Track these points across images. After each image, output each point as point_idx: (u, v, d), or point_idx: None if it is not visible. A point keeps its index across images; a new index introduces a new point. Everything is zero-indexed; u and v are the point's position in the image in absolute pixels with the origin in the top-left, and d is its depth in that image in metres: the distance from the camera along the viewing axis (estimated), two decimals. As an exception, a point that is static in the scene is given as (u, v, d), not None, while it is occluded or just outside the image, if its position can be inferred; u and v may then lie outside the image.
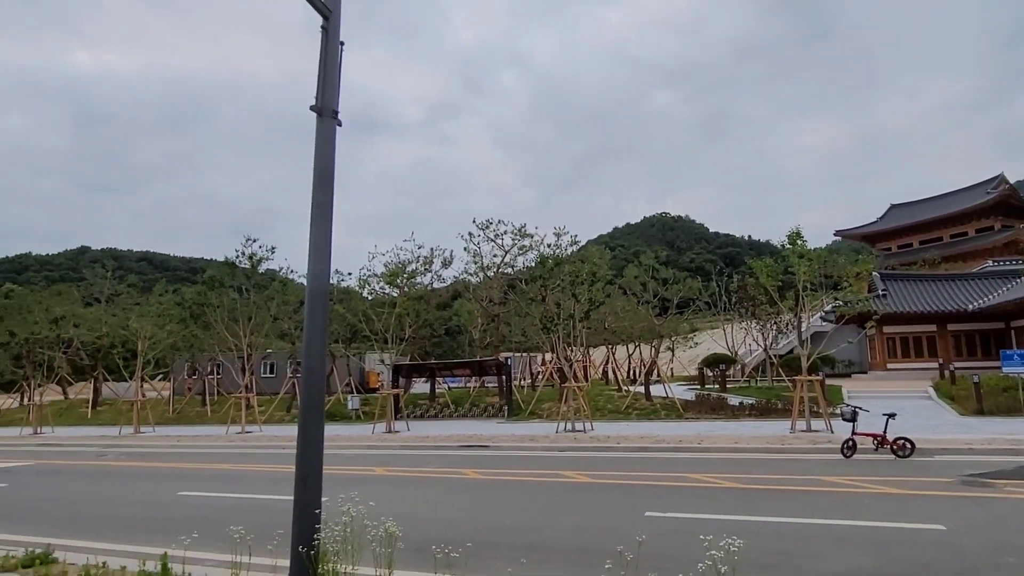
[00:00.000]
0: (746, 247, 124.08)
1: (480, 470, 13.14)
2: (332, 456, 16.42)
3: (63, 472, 16.11)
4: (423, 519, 8.67)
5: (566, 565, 6.35)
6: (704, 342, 39.36)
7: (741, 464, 12.71)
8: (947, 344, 33.16)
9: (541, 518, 8.80)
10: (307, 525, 4.91)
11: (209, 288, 28.63)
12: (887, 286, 35.83)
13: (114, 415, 31.20)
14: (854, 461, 12.36)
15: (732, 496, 9.73)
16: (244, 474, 14.44)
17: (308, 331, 5.37)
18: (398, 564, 5.16)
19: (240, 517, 7.24)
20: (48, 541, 7.09)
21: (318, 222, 5.44)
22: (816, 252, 18.49)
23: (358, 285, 31.32)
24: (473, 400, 28.09)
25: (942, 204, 67.48)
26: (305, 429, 5.21)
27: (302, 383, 5.39)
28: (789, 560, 6.31)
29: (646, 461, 13.70)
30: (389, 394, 22.76)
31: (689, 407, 22.71)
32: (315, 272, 5.42)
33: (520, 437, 18.12)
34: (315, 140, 5.57)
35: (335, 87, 5.63)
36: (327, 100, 5.54)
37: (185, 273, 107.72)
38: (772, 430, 17.08)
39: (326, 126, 5.55)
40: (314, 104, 5.56)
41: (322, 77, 5.56)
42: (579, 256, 28.93)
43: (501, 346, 35.20)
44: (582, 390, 20.40)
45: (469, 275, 34.80)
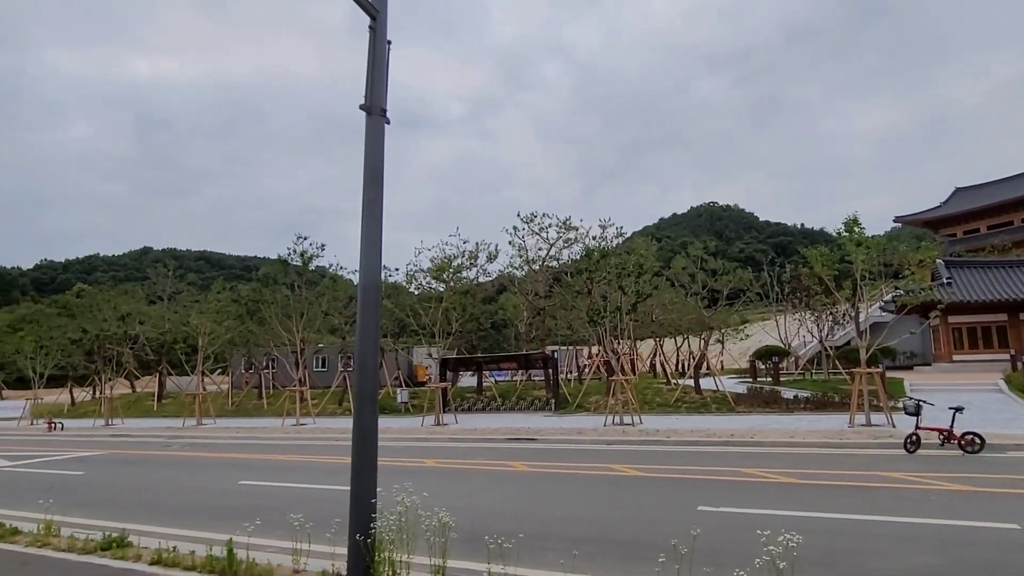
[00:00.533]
0: (798, 236, 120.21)
1: (528, 463, 13.20)
2: (383, 448, 16.72)
3: (133, 461, 17.00)
4: (474, 510, 8.78)
5: (617, 558, 6.32)
6: (755, 334, 38.32)
7: (797, 459, 12.36)
8: (1019, 334, 31.35)
9: (591, 511, 8.79)
10: (363, 514, 5.04)
11: (263, 285, 29.63)
12: (952, 274, 34.07)
13: (177, 407, 32.72)
14: (918, 456, 11.86)
15: (787, 491, 9.48)
16: (300, 464, 14.92)
17: (361, 326, 5.50)
18: (451, 554, 5.25)
19: (298, 506, 7.49)
20: (123, 526, 7.51)
21: (369, 218, 5.55)
22: (875, 239, 17.72)
23: (405, 280, 31.83)
24: (520, 393, 28.19)
25: (1012, 186, 63.63)
26: (360, 421, 5.35)
27: (356, 376, 5.53)
28: (849, 558, 6.11)
29: (697, 455, 13.48)
30: (437, 387, 23.07)
31: (741, 400, 22.21)
32: (367, 267, 5.54)
33: (568, 430, 18.10)
34: (365, 138, 5.68)
35: (383, 85, 5.72)
36: (375, 98, 5.64)
37: (240, 271, 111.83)
38: (829, 424, 16.54)
39: (375, 124, 5.66)
40: (363, 103, 5.67)
41: (370, 76, 5.66)
42: (625, 248, 28.58)
43: (547, 339, 35.19)
44: (630, 383, 20.20)
45: (514, 269, 34.94)
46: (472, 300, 31.64)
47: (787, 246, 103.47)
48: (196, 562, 5.92)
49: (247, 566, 5.65)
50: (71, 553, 6.66)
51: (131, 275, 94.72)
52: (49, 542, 7.08)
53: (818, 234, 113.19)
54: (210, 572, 5.67)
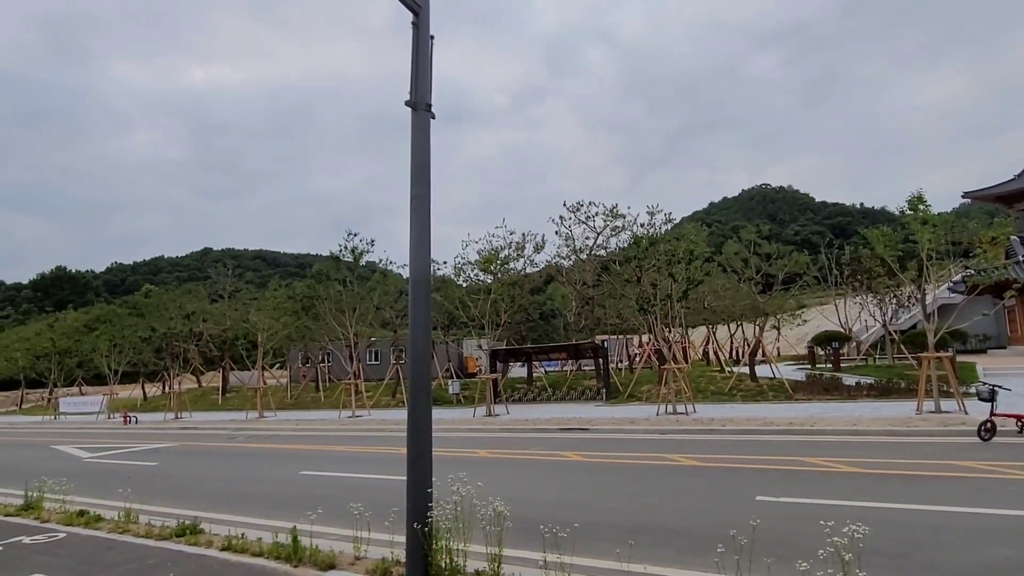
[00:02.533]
0: (857, 216, 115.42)
1: (581, 452, 13.18)
2: (436, 439, 16.93)
3: (202, 453, 17.85)
4: (528, 500, 8.83)
5: (675, 548, 6.25)
6: (813, 319, 37.02)
7: (860, 448, 11.91)
8: (1106, 313, 29.23)
9: (646, 501, 8.71)
10: (420, 503, 5.15)
11: (317, 282, 30.57)
12: (1029, 251, 32.01)
13: (240, 401, 34.14)
14: (993, 444, 11.24)
15: (851, 481, 9.15)
16: (357, 455, 15.34)
17: (413, 319, 5.59)
18: (507, 543, 5.30)
19: (357, 495, 7.71)
20: (195, 514, 7.91)
21: (417, 214, 5.63)
22: (942, 217, 16.81)
23: (453, 273, 32.24)
24: (570, 383, 28.15)
25: (1097, 154, 59.04)
26: (415, 412, 5.45)
27: (410, 369, 5.63)
28: (920, 550, 5.86)
29: (754, 444, 13.17)
30: (488, 378, 23.28)
31: (799, 388, 21.53)
32: (417, 263, 5.62)
33: (620, 420, 17.97)
34: (411, 134, 5.75)
35: (428, 81, 5.77)
36: (420, 94, 5.70)
37: (295, 268, 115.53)
38: (895, 412, 15.86)
39: (421, 119, 5.72)
40: (408, 99, 5.73)
41: (415, 72, 5.71)
42: (674, 234, 28.06)
43: (596, 329, 34.97)
44: (682, 371, 19.88)
45: (561, 259, 34.82)
46: (520, 291, 31.73)
47: (846, 227, 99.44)
48: (263, 548, 6.19)
49: (311, 553, 5.86)
50: (149, 539, 7.06)
51: (193, 275, 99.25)
52: (129, 528, 7.53)
53: (879, 213, 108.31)
54: (276, 558, 5.91)
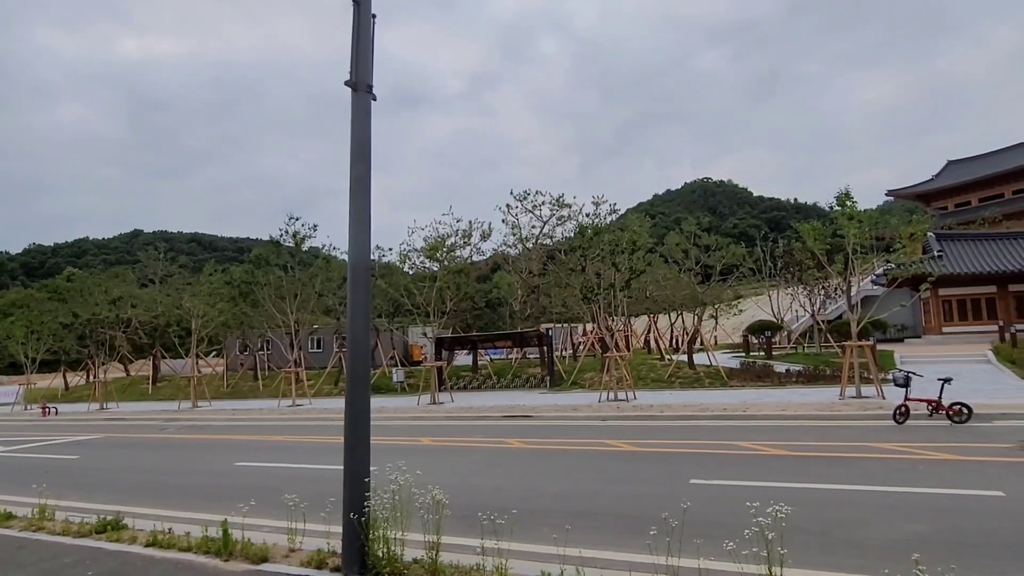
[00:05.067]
0: (792, 211, 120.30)
1: (524, 439, 13.30)
2: (379, 427, 16.88)
3: (129, 445, 17.03)
4: (470, 487, 8.85)
5: (612, 532, 6.39)
6: (749, 309, 38.51)
7: (789, 431, 12.50)
8: (1008, 306, 31.62)
9: (586, 486, 8.88)
10: (357, 493, 5.06)
11: (256, 267, 29.51)
12: (943, 247, 34.23)
13: (173, 390, 32.74)
14: (907, 427, 12.02)
15: (780, 463, 9.60)
16: (296, 445, 14.99)
17: (352, 305, 5.46)
18: (446, 531, 5.28)
19: (294, 486, 7.53)
20: (118, 508, 7.54)
21: (357, 197, 5.48)
22: (867, 213, 17.72)
23: (399, 260, 31.74)
24: (515, 371, 28.33)
25: (1004, 159, 63.63)
26: (353, 400, 5.34)
27: (348, 356, 5.51)
28: (840, 527, 6.20)
29: (691, 429, 13.61)
30: (433, 366, 23.15)
31: (734, 375, 22.40)
32: (356, 247, 5.48)
33: (563, 407, 18.23)
34: (351, 115, 5.58)
35: (368, 61, 5.60)
36: (361, 74, 5.53)
37: (232, 253, 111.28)
38: (821, 397, 16.72)
39: (361, 100, 5.55)
40: (348, 79, 5.56)
41: (355, 51, 5.54)
42: (619, 225, 28.53)
43: (542, 317, 35.27)
44: (624, 359, 20.31)
45: (508, 247, 34.88)
46: (466, 279, 31.60)
47: (781, 221, 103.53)
48: (191, 543, 5.95)
49: (243, 546, 5.68)
50: (66, 536, 6.68)
51: (122, 258, 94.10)
52: (43, 526, 7.09)
53: (811, 209, 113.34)
54: (205, 552, 5.70)
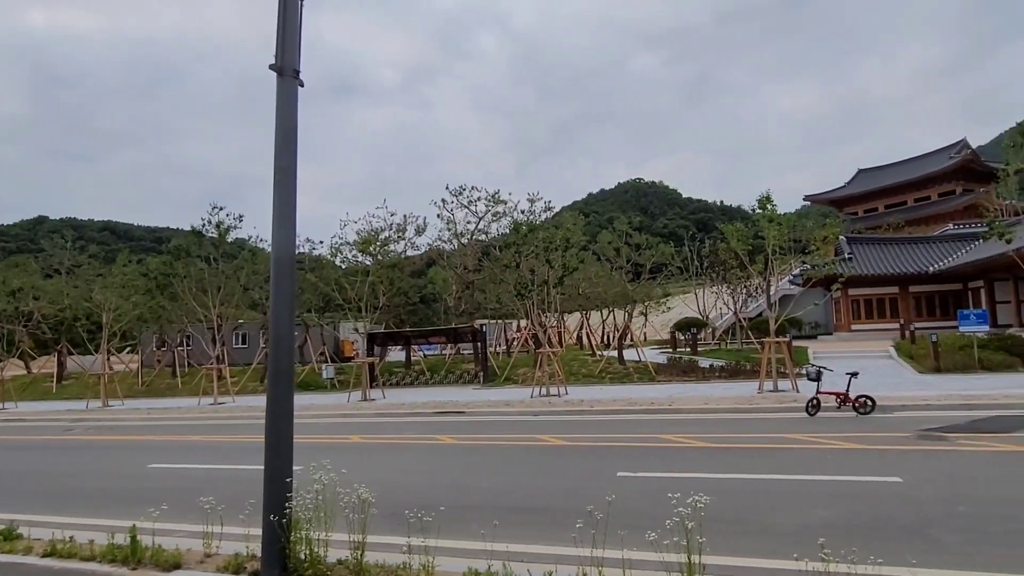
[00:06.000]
0: (718, 212, 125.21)
1: (456, 435, 13.25)
2: (307, 425, 16.39)
3: (28, 448, 15.79)
4: (399, 485, 8.73)
5: (540, 525, 6.46)
6: (676, 306, 39.87)
7: (711, 424, 13.03)
8: (908, 305, 34.20)
9: (517, 481, 8.93)
10: (278, 493, 4.88)
11: (175, 258, 27.91)
12: (853, 250, 36.59)
13: (80, 389, 30.57)
14: (818, 419, 12.76)
15: (702, 455, 9.99)
16: (217, 445, 14.33)
17: (275, 299, 5.25)
18: (372, 530, 5.18)
19: (212, 488, 7.19)
20: (12, 517, 6.95)
21: (282, 187, 5.27)
22: (785, 216, 18.70)
23: (330, 254, 30.87)
24: (449, 367, 28.18)
25: (907, 169, 68.71)
26: (275, 397, 5.14)
27: (271, 351, 5.29)
28: (755, 514, 6.51)
29: (619, 423, 13.95)
30: (364, 362, 22.68)
31: (661, 370, 23.12)
32: (280, 239, 5.27)
33: (495, 403, 18.28)
34: (276, 101, 5.35)
35: (295, 44, 5.39)
36: (287, 59, 5.31)
37: (150, 243, 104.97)
38: (741, 391, 17.51)
39: (287, 86, 5.33)
40: (274, 63, 5.32)
41: (281, 34, 5.31)
42: (553, 222, 28.88)
43: (476, 313, 35.25)
44: (556, 355, 20.58)
45: (443, 242, 34.67)
46: (400, 274, 31.14)
47: (708, 222, 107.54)
48: (95, 551, 5.56)
49: (153, 553, 5.36)
50: (-49, 549, 6.09)
51: (24, 247, 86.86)
52: (-76, 538, 6.44)
53: (736, 211, 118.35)
54: (111, 561, 5.34)
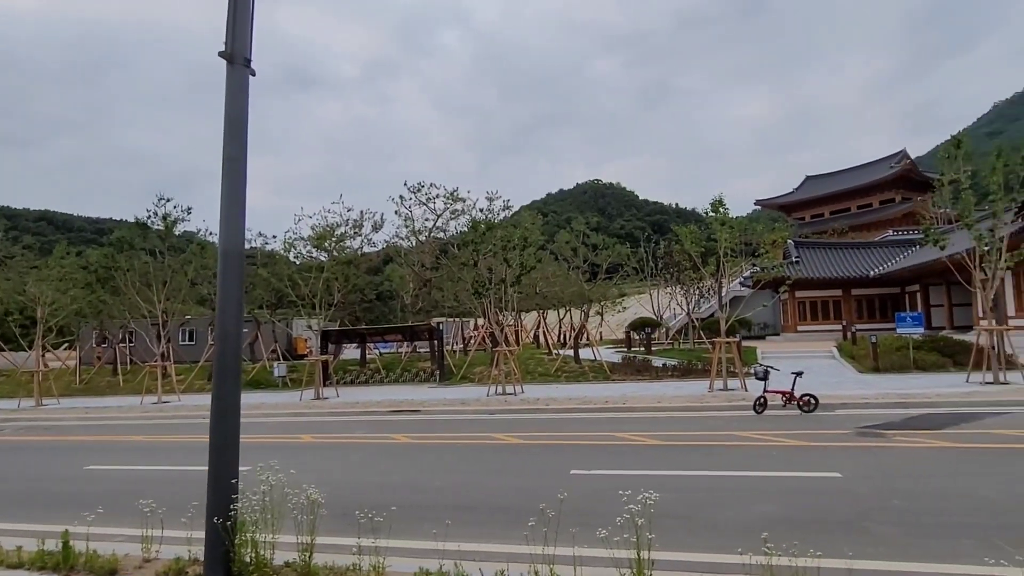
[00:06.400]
0: (673, 215, 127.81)
1: (411, 434, 13.12)
2: (256, 424, 15.97)
3: (-47, 449, 14.86)
4: (351, 485, 8.59)
5: (493, 524, 6.45)
6: (632, 306, 40.48)
7: (663, 422, 13.28)
8: (850, 307, 35.66)
9: (471, 480, 8.91)
10: (223, 495, 4.72)
11: (117, 250, 26.70)
12: (800, 253, 37.94)
13: (12, 387, 28.97)
14: (765, 417, 13.16)
15: (653, 453, 10.17)
16: (160, 445, 13.80)
17: (222, 293, 5.09)
18: (322, 531, 5.08)
19: (153, 490, 6.91)
20: (-67, 523, 6.54)
21: (230, 178, 5.10)
22: (737, 220, 19.23)
23: (283, 249, 30.14)
24: (405, 366, 27.89)
25: (851, 177, 71.65)
26: (221, 394, 4.98)
27: (217, 348, 5.12)
28: (703, 510, 6.67)
29: (574, 422, 14.08)
30: (317, 360, 22.23)
31: (616, 369, 23.45)
32: (228, 232, 5.11)
33: (451, 401, 18.19)
34: (225, 90, 5.17)
35: (247, 31, 5.22)
36: (238, 46, 5.14)
37: (91, 235, 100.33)
38: (692, 390, 17.91)
39: (237, 74, 5.16)
40: (224, 50, 5.15)
41: (232, 19, 5.14)
42: (512, 221, 28.93)
43: (433, 311, 35.00)
44: (513, 354, 20.62)
45: (401, 239, 34.31)
46: (356, 270, 30.64)
47: (663, 224, 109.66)
48: (23, 558, 5.26)
49: (87, 559, 5.12)
50: None
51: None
52: None
53: (690, 214, 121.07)
54: (41, 568, 5.06)
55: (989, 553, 4.25)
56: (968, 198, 16.68)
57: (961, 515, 6.10)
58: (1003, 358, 16.17)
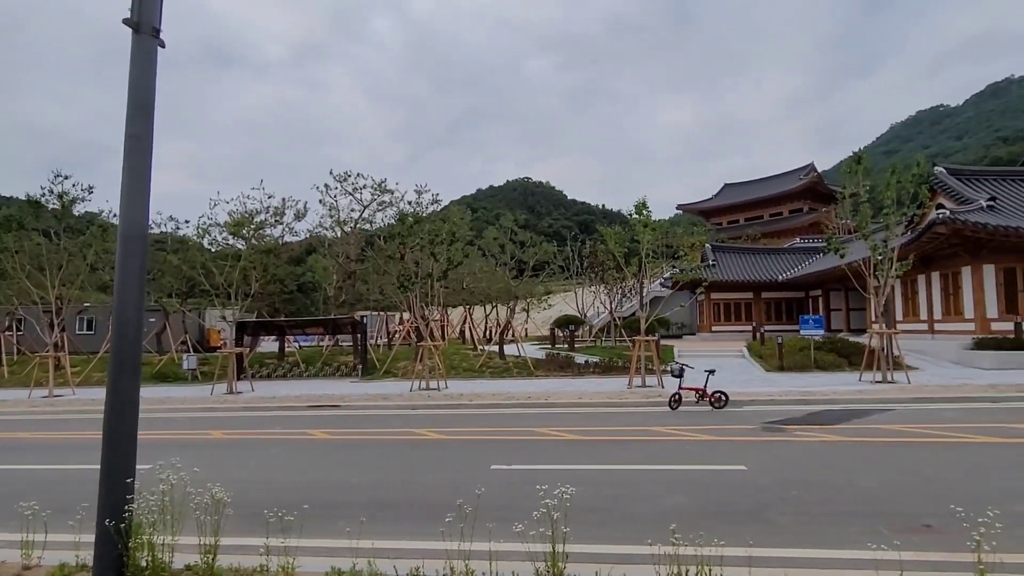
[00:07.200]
0: (600, 215, 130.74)
1: (329, 430, 12.76)
2: (162, 420, 15.05)
3: None
4: (263, 483, 8.26)
5: (411, 521, 6.37)
6: (557, 304, 41.18)
7: (583, 418, 13.57)
8: (760, 310, 37.79)
9: (390, 476, 8.76)
10: (117, 495, 4.40)
11: (5, 230, 24.40)
12: (717, 257, 39.80)
13: None
14: (679, 412, 13.71)
15: (573, 448, 10.37)
16: (48, 443, 12.74)
17: (121, 279, 4.73)
18: (229, 532, 4.84)
19: (38, 491, 6.37)
20: None
21: (133, 156, 4.75)
22: (659, 223, 19.91)
23: (197, 235, 28.52)
24: (326, 359, 27.10)
25: (765, 186, 75.87)
26: (117, 388, 4.63)
27: (113, 337, 4.75)
28: (618, 503, 6.86)
29: (497, 417, 14.14)
30: (231, 353, 21.21)
31: (540, 365, 23.76)
32: (130, 214, 4.75)
33: (373, 396, 17.84)
34: (130, 61, 4.81)
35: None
36: (145, 14, 4.79)
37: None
38: (612, 386, 18.41)
39: (144, 45, 4.81)
40: (129, 17, 4.78)
41: (139, -14, 4.78)
42: (440, 215, 28.67)
43: (357, 304, 34.17)
44: (438, 349, 20.47)
45: (325, 230, 33.23)
46: (276, 260, 29.50)
47: (590, 224, 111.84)
48: None
49: (-44, 567, 4.64)
50: None
51: None
52: None
53: (616, 215, 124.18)
54: (-101, 580, 4.56)
55: (872, 539, 4.60)
56: (866, 211, 18.04)
57: (849, 504, 6.59)
58: (891, 359, 17.61)
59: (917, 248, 21.61)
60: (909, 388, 15.80)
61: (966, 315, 22.44)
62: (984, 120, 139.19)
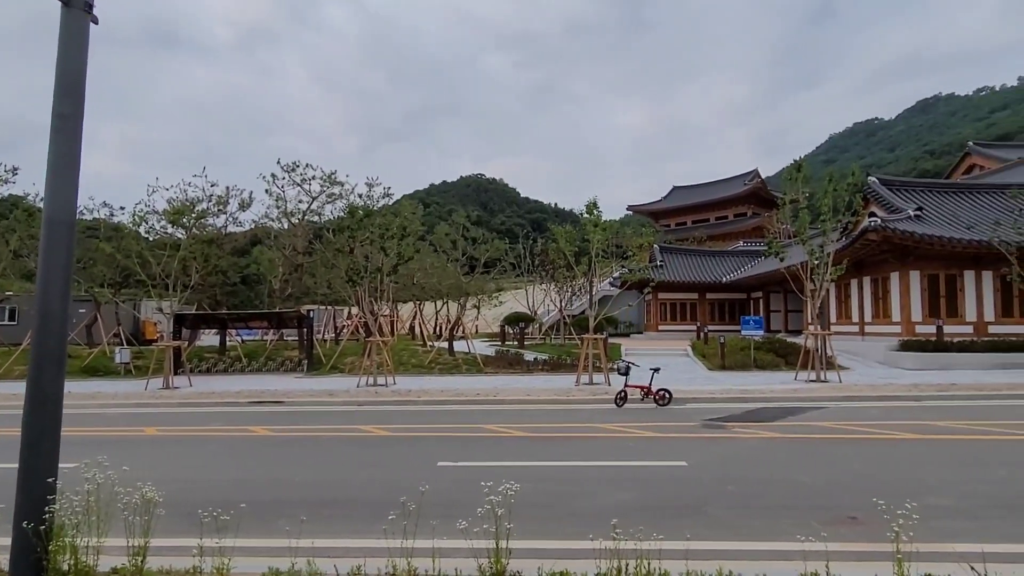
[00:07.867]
0: (552, 214, 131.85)
1: (271, 427, 12.42)
2: (90, 416, 14.32)
3: None
4: (200, 482, 7.97)
5: (354, 519, 6.28)
6: (508, 301, 41.29)
7: (531, 415, 13.66)
8: (705, 310, 38.92)
9: (334, 474, 8.60)
10: (37, 495, 4.17)
11: (-83, 212, 22.73)
12: (664, 258, 40.77)
13: None
14: (625, 410, 13.97)
15: (520, 444, 10.43)
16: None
17: (45, 267, 4.47)
18: (161, 532, 4.66)
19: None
20: None
21: (61, 137, 4.49)
22: (609, 223, 20.21)
23: (133, 222, 27.21)
24: (270, 354, 26.35)
25: (712, 189, 78.14)
26: (38, 382, 4.38)
27: (35, 328, 4.49)
28: (563, 499, 6.94)
29: (445, 413, 14.08)
30: (168, 346, 20.35)
31: (489, 362, 23.77)
32: (55, 197, 4.49)
33: (318, 392, 17.47)
34: (59, 36, 4.54)
35: (89, -28, 4.62)
36: (77, -13, 4.53)
37: None
38: (560, 383, 18.60)
39: (75, 20, 4.55)
40: (59, -11, 4.51)
41: (70, -43, 4.52)
42: (391, 209, 28.25)
43: (304, 298, 33.38)
44: (387, 345, 20.20)
45: (271, 220, 32.20)
46: (218, 251, 28.44)
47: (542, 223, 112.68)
48: None
49: None
50: None
51: None
52: None
53: (568, 214, 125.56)
54: None
55: (802, 531, 4.81)
56: (804, 217, 18.81)
57: (783, 498, 6.86)
58: (825, 359, 18.44)
59: (851, 253, 22.69)
60: (840, 387, 16.59)
61: (893, 318, 23.73)
62: (914, 134, 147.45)
